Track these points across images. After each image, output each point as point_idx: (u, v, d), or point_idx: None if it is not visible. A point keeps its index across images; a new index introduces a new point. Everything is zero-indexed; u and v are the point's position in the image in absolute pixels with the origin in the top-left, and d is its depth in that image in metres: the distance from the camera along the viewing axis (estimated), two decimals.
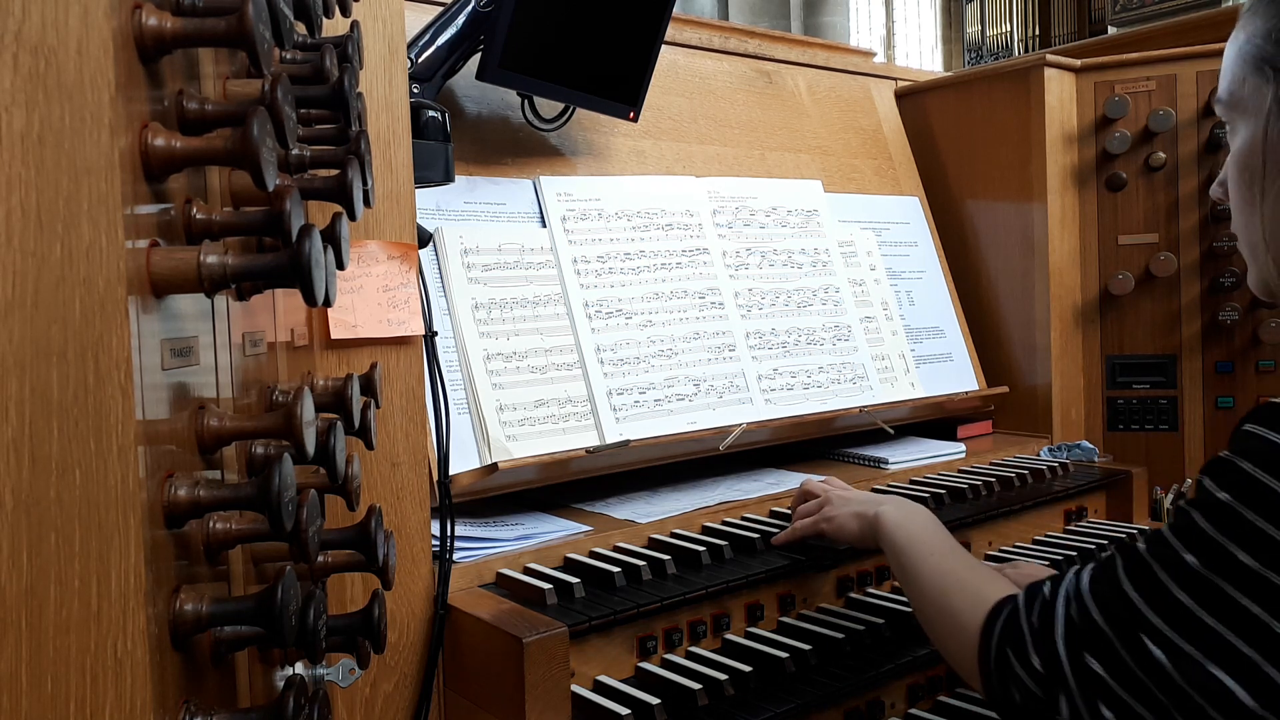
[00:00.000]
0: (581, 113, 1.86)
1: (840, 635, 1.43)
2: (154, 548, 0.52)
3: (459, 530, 1.46)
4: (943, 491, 1.80)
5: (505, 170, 1.82)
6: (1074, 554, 1.77)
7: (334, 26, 1.12)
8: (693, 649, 1.41)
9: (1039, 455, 2.18)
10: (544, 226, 1.80)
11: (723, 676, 1.28)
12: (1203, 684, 0.85)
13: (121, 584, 0.49)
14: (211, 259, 0.55)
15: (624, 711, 1.19)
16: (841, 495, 1.51)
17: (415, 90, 1.55)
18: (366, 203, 0.80)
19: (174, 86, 0.60)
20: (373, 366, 0.98)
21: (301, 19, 0.78)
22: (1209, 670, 0.85)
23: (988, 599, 1.10)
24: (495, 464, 1.47)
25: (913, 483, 1.91)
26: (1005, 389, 2.28)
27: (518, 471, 1.52)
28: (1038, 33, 15.33)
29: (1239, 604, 0.84)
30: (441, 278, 1.65)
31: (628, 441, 1.62)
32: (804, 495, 1.59)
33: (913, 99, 2.54)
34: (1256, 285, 1.03)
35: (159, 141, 0.54)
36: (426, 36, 1.62)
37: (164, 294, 0.55)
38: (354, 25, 0.92)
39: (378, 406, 0.96)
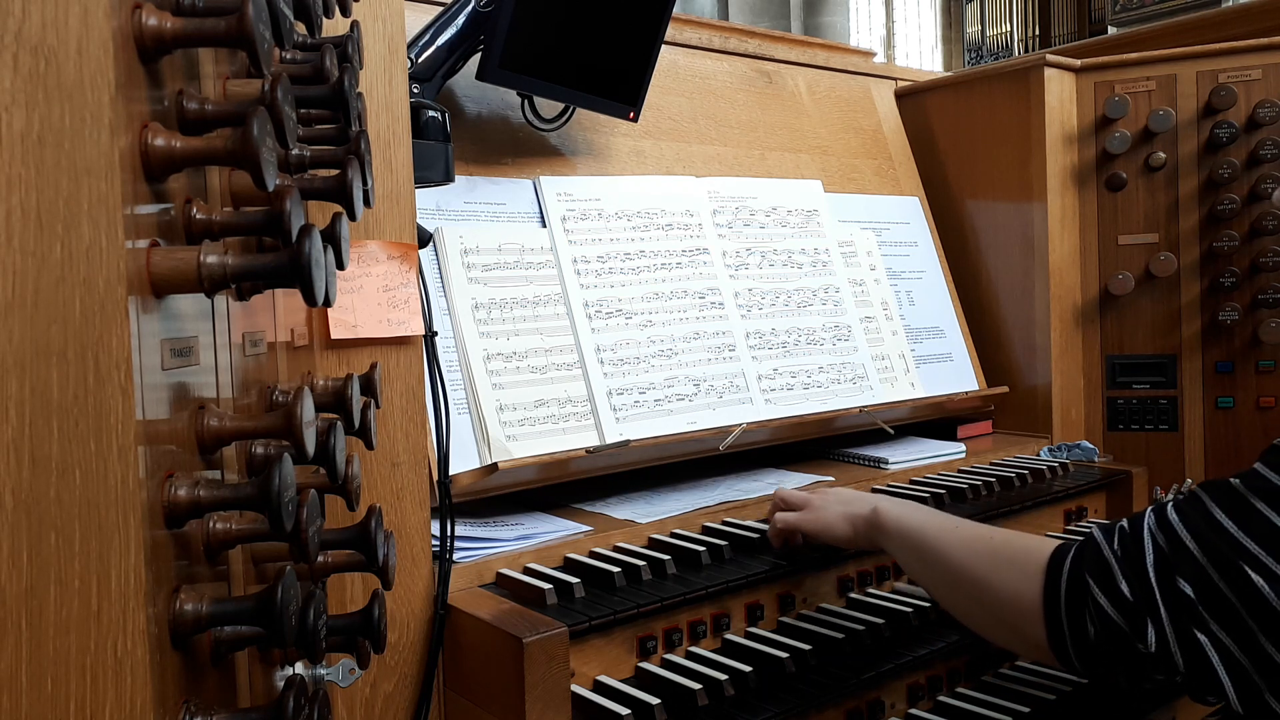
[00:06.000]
0: (581, 113, 1.86)
1: (840, 635, 1.42)
2: (154, 548, 0.52)
3: (459, 530, 1.46)
4: (943, 491, 1.80)
5: (505, 170, 1.82)
6: None
7: (334, 26, 1.12)
8: (693, 649, 1.41)
9: (1039, 455, 2.18)
10: (544, 226, 1.80)
11: (723, 676, 1.28)
12: None
13: (121, 584, 0.49)
14: (211, 259, 0.55)
15: (624, 711, 1.19)
16: (824, 498, 1.47)
17: (415, 90, 1.55)
18: (366, 203, 0.80)
19: (174, 86, 0.60)
20: (373, 366, 0.98)
21: (301, 19, 0.78)
22: None
23: (1043, 544, 1.11)
24: (495, 464, 1.47)
25: (913, 483, 1.91)
26: (1005, 389, 2.28)
27: (518, 471, 1.52)
28: (1038, 33, 15.33)
29: None
30: (441, 278, 1.65)
31: (628, 441, 1.62)
32: (781, 503, 1.54)
33: (913, 99, 2.54)
34: None
35: (159, 141, 0.54)
36: (426, 36, 1.62)
37: (164, 294, 0.55)
38: (354, 25, 0.92)
39: (378, 406, 0.96)
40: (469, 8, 1.63)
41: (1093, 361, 2.36)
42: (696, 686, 1.26)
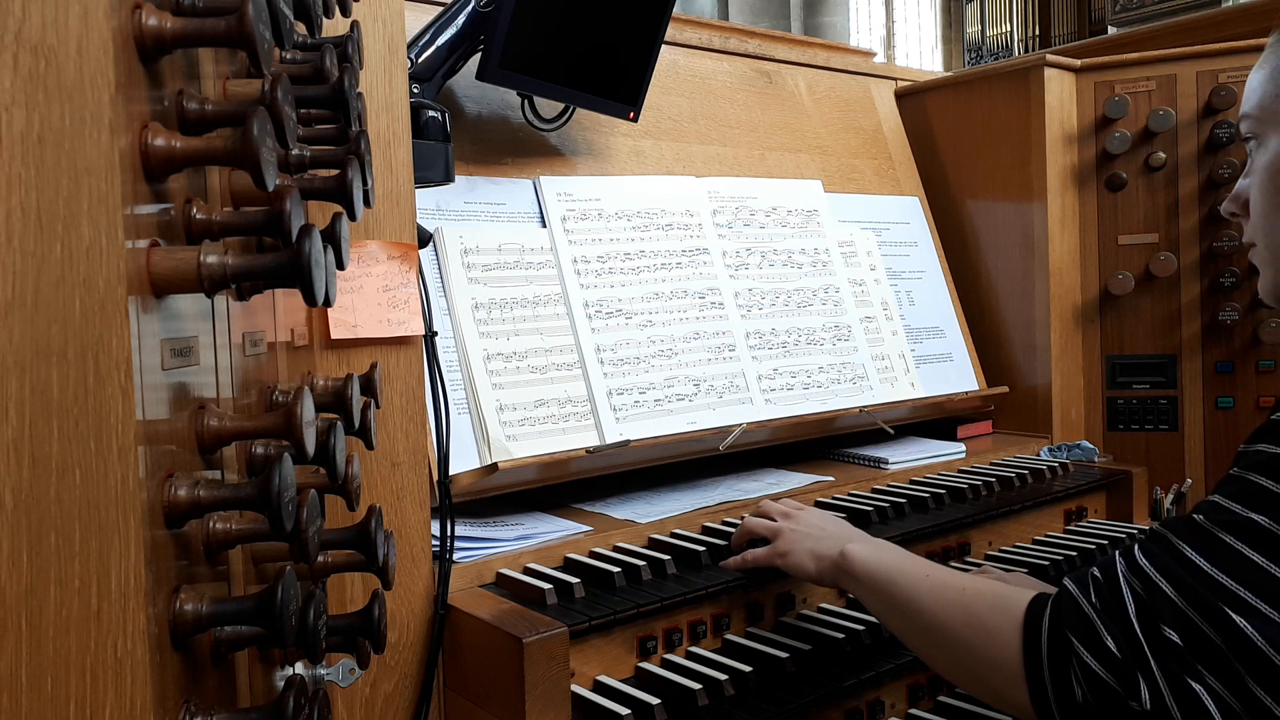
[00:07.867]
0: (581, 113, 1.86)
1: (840, 635, 1.43)
2: (154, 548, 0.52)
3: (459, 530, 1.46)
4: (943, 491, 1.80)
5: (505, 170, 1.82)
6: (1074, 554, 1.76)
7: (334, 26, 1.12)
8: (693, 649, 1.41)
9: (1039, 455, 2.18)
10: (544, 226, 1.80)
11: (723, 676, 1.28)
12: None
13: (121, 584, 0.49)
14: (211, 259, 0.55)
15: (624, 711, 1.19)
16: (794, 530, 1.41)
17: (415, 90, 1.55)
18: (366, 203, 0.80)
19: (174, 86, 0.60)
20: (373, 366, 0.98)
21: (301, 19, 0.78)
22: None
23: (1016, 598, 1.05)
24: (495, 464, 1.47)
25: (913, 483, 1.91)
26: (1005, 389, 2.28)
27: (518, 471, 1.52)
28: (1038, 33, 15.32)
29: None
30: (441, 278, 1.65)
31: (628, 441, 1.62)
32: (750, 532, 1.48)
33: (913, 99, 2.54)
34: (1268, 291, 1.05)
35: (159, 141, 0.54)
36: (426, 36, 1.62)
37: (164, 294, 0.55)
38: (354, 25, 0.92)
39: (378, 406, 0.96)
40: (469, 8, 1.63)
41: (1093, 361, 2.36)
42: (697, 686, 1.26)
